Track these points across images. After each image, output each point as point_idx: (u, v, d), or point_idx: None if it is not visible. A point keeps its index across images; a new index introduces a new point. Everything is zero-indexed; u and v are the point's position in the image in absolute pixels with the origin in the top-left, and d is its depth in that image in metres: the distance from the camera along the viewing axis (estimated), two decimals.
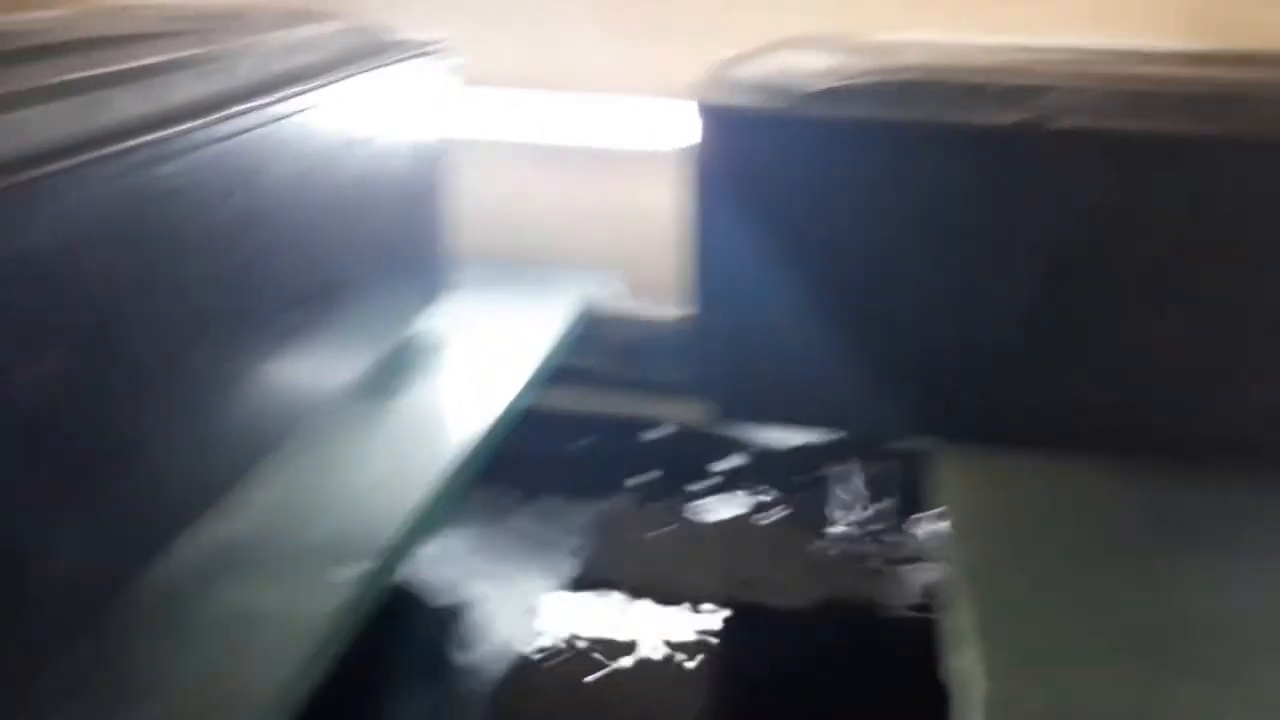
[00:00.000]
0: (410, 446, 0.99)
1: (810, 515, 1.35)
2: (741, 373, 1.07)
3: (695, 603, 1.20)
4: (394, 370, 1.12)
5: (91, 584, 0.71)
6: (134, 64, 0.79)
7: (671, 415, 1.44)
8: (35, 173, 0.65)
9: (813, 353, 1.02)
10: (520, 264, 1.40)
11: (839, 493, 1.37)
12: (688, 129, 1.02)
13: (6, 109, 0.66)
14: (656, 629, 1.16)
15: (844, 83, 0.99)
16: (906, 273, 1.00)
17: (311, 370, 0.98)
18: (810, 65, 1.02)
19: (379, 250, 1.10)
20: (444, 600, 1.19)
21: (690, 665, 1.12)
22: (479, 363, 1.16)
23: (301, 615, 0.74)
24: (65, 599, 0.69)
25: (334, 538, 0.83)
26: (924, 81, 0.98)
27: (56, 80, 0.72)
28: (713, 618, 1.18)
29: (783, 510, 1.37)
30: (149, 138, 0.73)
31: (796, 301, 1.01)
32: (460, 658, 1.12)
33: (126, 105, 0.73)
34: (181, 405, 0.79)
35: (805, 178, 1.00)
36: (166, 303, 0.77)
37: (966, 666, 0.75)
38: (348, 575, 0.78)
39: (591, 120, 1.47)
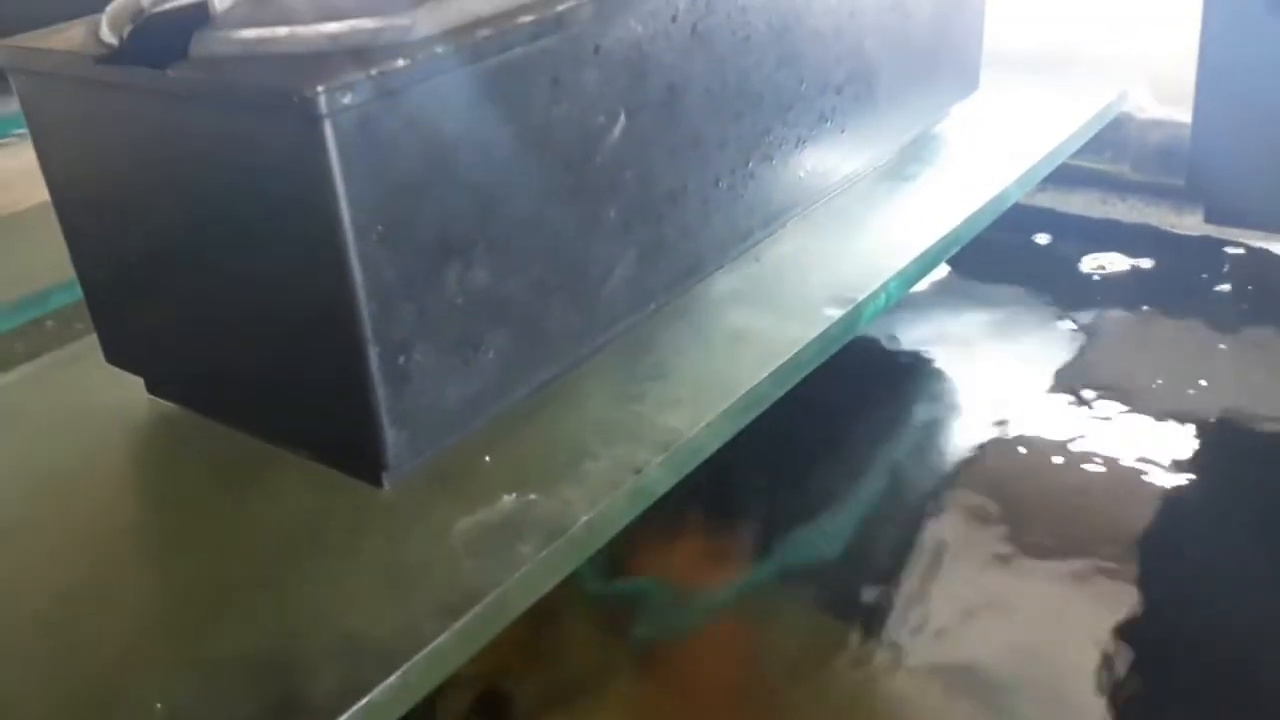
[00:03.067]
0: (909, 220, 1.17)
1: None
2: (1235, 175, 1.05)
3: (1181, 419, 1.18)
4: (918, 155, 1.28)
5: (640, 292, 0.96)
6: None
7: (1187, 225, 1.43)
8: None
9: None
10: (1049, 64, 1.46)
11: None
12: None
13: None
14: (1131, 435, 1.16)
15: None
16: None
17: (842, 149, 1.17)
18: None
19: (917, 46, 1.24)
20: (917, 362, 1.35)
21: (1161, 480, 1.10)
22: (990, 155, 1.30)
23: (787, 337, 0.96)
24: (620, 299, 0.95)
25: (826, 285, 1.04)
26: None
27: None
28: (1192, 433, 1.16)
29: None
30: None
31: None
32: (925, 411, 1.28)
33: None
34: (724, 168, 1.02)
35: None
36: (721, 84, 0.98)
37: None
38: (830, 314, 0.99)
39: None
